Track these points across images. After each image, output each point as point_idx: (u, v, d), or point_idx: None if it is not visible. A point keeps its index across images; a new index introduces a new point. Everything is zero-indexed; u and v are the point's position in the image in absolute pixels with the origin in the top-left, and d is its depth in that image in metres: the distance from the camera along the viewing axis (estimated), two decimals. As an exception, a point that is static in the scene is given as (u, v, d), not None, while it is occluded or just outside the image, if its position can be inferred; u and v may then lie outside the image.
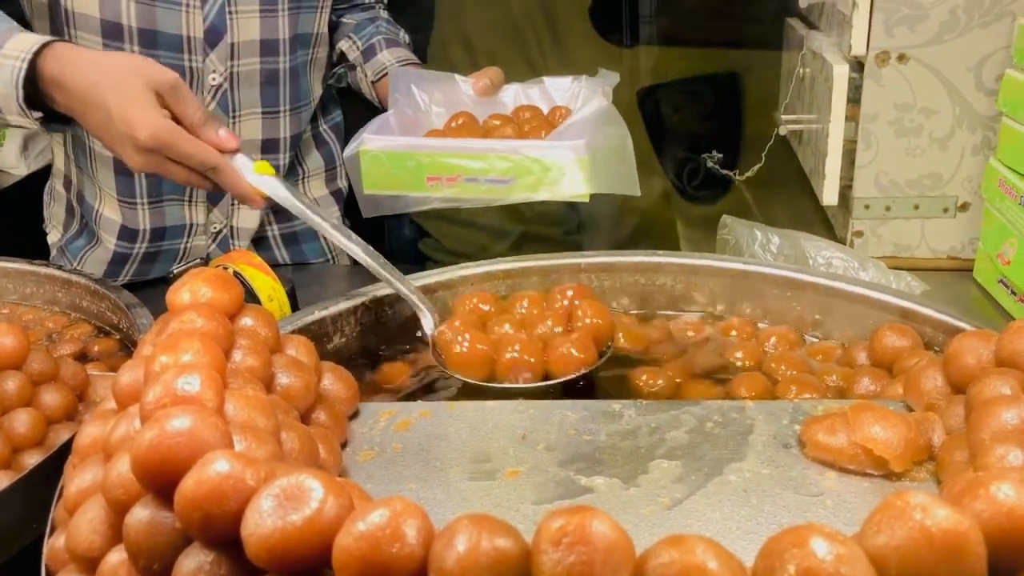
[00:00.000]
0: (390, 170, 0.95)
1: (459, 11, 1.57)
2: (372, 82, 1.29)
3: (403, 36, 1.35)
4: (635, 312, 0.93)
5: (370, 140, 0.96)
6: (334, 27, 1.35)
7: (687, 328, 0.90)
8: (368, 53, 1.30)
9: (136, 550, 0.48)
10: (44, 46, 0.92)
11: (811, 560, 0.38)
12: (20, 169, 1.83)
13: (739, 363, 0.83)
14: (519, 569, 0.40)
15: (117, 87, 0.88)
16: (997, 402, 0.57)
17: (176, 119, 0.90)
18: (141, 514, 0.48)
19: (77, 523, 0.53)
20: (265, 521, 0.43)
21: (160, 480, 0.48)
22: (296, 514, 0.43)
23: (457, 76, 1.11)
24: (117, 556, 0.50)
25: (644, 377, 0.81)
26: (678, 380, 0.81)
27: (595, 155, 0.90)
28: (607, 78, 1.10)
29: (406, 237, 1.57)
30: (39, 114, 0.95)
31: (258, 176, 0.91)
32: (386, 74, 1.26)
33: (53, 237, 1.36)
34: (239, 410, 0.55)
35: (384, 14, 1.38)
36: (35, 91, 0.93)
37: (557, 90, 1.08)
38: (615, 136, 0.95)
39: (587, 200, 0.95)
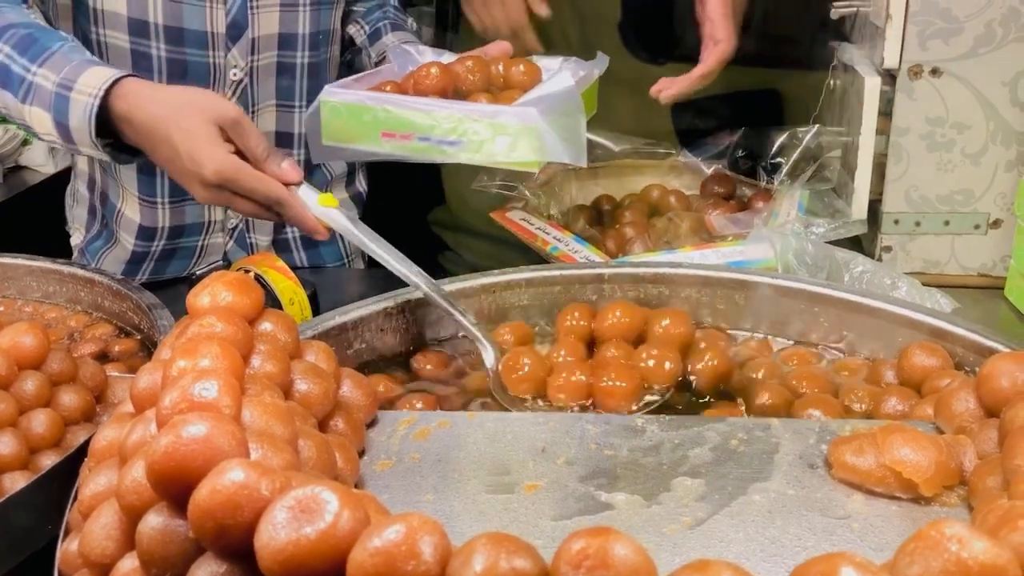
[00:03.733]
0: (348, 122, 0.96)
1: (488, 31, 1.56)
2: (375, 63, 1.29)
3: (411, 23, 1.36)
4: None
5: (331, 92, 0.97)
6: (344, 15, 1.35)
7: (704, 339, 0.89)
8: (374, 36, 1.31)
9: (148, 558, 0.47)
10: (115, 83, 0.94)
11: (840, 590, 0.37)
12: (48, 167, 1.85)
13: (757, 377, 0.82)
14: (537, 590, 0.39)
15: (182, 124, 0.90)
16: (1033, 427, 0.55)
17: (240, 153, 0.92)
18: (154, 521, 0.48)
19: (91, 528, 0.52)
20: (279, 533, 0.43)
21: (174, 487, 0.47)
22: (310, 527, 0.42)
23: (454, 55, 1.11)
24: (130, 563, 0.49)
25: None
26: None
27: (544, 125, 0.90)
28: (598, 62, 1.09)
29: (425, 249, 1.56)
30: (109, 148, 0.97)
31: (323, 208, 0.92)
32: (386, 53, 1.26)
33: (76, 239, 1.36)
34: (256, 417, 0.54)
35: (393, 2, 1.38)
36: (106, 124, 0.95)
37: (546, 68, 1.08)
38: (569, 109, 0.95)
39: (536, 170, 0.95)
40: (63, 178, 1.41)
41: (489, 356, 0.81)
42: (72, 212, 1.38)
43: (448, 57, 1.10)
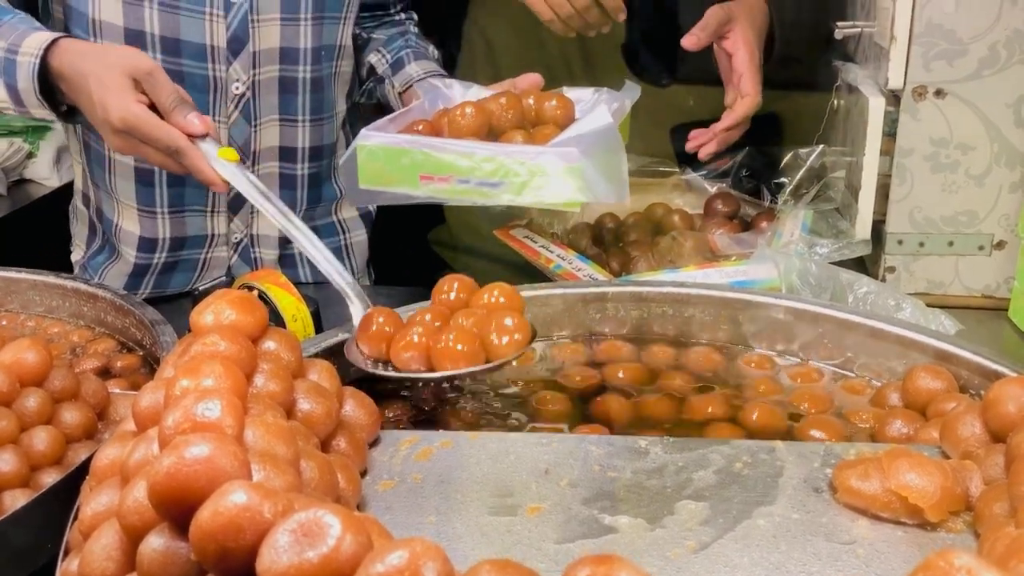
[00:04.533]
0: (385, 165, 0.97)
1: (491, 48, 1.56)
2: (399, 93, 1.30)
3: (432, 51, 1.36)
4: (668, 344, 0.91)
5: (367, 136, 0.98)
6: (364, 43, 1.36)
7: (701, 358, 0.89)
8: (396, 65, 1.31)
9: (149, 580, 0.47)
10: (52, 42, 1.01)
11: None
12: (52, 180, 1.85)
13: (759, 397, 0.82)
14: (541, 617, 0.38)
15: (98, 75, 0.96)
16: (1040, 454, 0.55)
17: (153, 106, 0.97)
18: (156, 543, 0.48)
19: (91, 548, 0.52)
20: (281, 557, 0.42)
21: (176, 509, 0.47)
22: (312, 551, 0.42)
23: (483, 88, 1.11)
24: (130, 584, 0.49)
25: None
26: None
27: (587, 164, 0.90)
28: (628, 91, 1.09)
29: (423, 270, 1.56)
30: (56, 106, 1.04)
31: (221, 161, 0.95)
32: (413, 84, 1.27)
33: (76, 255, 1.37)
34: (259, 438, 0.54)
35: (414, 30, 1.39)
36: (49, 85, 1.02)
37: (578, 101, 1.08)
38: (610, 147, 0.95)
39: (577, 209, 0.94)
40: (67, 192, 1.41)
41: (357, 312, 0.82)
42: (74, 228, 1.38)
43: (477, 90, 1.10)
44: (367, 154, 0.98)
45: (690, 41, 1.17)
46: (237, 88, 1.20)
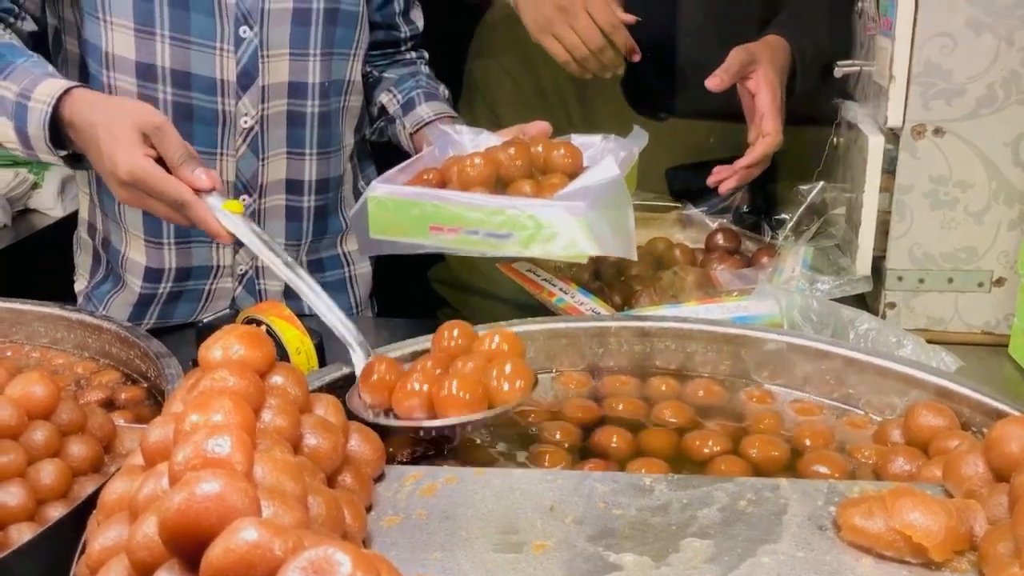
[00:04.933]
0: (395, 216, 0.99)
1: (487, 83, 1.58)
2: (410, 134, 1.31)
3: (443, 91, 1.37)
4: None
5: (377, 187, 1.00)
6: (376, 81, 1.37)
7: (699, 389, 0.89)
8: (407, 106, 1.33)
9: (159, 616, 0.47)
10: (65, 92, 1.01)
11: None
12: (56, 211, 1.86)
13: (761, 432, 0.82)
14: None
15: (108, 127, 0.98)
16: (1043, 494, 0.55)
17: (161, 159, 0.98)
18: (166, 579, 0.48)
19: (99, 583, 0.52)
20: (292, 595, 0.43)
21: (187, 545, 0.47)
22: (324, 589, 0.42)
23: (492, 134, 1.12)
24: (139, 621, 0.49)
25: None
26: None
27: (593, 217, 0.91)
28: (636, 138, 1.10)
29: (424, 305, 1.57)
30: (63, 152, 1.05)
31: (226, 213, 0.96)
32: (423, 126, 1.28)
33: (80, 285, 1.37)
34: (267, 473, 0.54)
35: (425, 69, 1.40)
36: (59, 132, 1.03)
37: (586, 147, 1.09)
38: (617, 200, 0.96)
39: (584, 260, 0.97)
40: (72, 222, 1.42)
41: (359, 361, 0.82)
42: (78, 258, 1.39)
43: (486, 136, 1.12)
44: (377, 205, 0.99)
45: (714, 82, 1.20)
46: (246, 122, 1.21)
